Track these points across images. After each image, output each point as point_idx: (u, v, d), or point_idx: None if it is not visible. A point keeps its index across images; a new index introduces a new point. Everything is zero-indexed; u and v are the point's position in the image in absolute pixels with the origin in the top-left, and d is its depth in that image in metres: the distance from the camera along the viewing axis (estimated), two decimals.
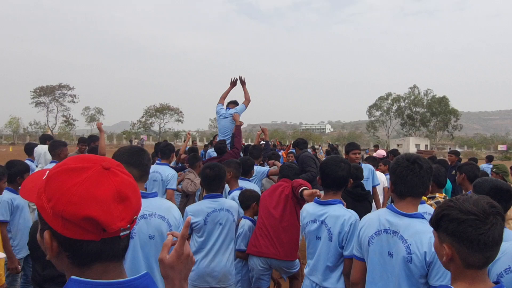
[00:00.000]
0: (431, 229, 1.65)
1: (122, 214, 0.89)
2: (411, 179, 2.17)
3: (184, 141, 6.70)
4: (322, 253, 2.88)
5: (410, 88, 72.78)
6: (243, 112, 7.55)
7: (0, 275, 3.17)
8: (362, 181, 4.61)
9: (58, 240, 0.89)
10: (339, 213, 2.84)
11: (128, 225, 0.91)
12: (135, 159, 2.28)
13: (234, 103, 7.71)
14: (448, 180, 6.38)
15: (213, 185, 3.56)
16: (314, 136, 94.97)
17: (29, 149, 6.84)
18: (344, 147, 6.03)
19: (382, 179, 6.47)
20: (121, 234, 0.90)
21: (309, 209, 3.03)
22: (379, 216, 2.33)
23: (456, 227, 1.40)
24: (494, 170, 5.84)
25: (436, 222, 1.50)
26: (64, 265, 0.92)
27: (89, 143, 6.91)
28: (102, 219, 0.85)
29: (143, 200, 2.24)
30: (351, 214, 2.84)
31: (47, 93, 64.06)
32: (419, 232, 2.09)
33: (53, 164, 5.97)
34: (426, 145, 67.06)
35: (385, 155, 9.84)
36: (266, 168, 6.01)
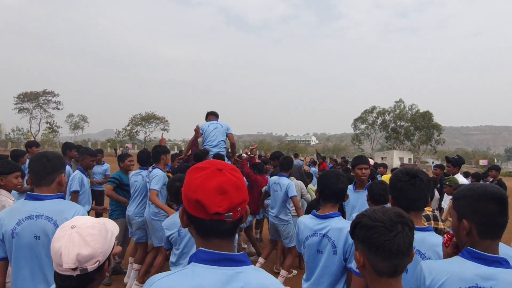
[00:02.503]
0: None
1: (220, 202, 1.22)
2: (413, 193, 2.18)
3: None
4: (327, 267, 2.82)
5: (396, 102, 73.86)
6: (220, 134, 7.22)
7: None
8: None
9: (187, 214, 1.30)
10: (342, 225, 2.79)
11: (229, 213, 1.23)
12: (30, 166, 2.51)
13: (214, 115, 7.53)
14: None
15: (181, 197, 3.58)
16: (299, 147, 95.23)
17: (15, 157, 6.76)
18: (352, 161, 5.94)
19: None
20: (226, 219, 1.24)
21: (307, 223, 2.97)
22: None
23: (364, 233, 1.50)
24: (447, 183, 5.98)
25: (352, 230, 1.60)
26: (193, 234, 1.32)
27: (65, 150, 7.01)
28: (205, 202, 1.21)
29: (34, 202, 2.45)
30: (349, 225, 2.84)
31: (31, 99, 63.08)
32: (435, 245, 2.10)
33: None
34: (409, 159, 67.95)
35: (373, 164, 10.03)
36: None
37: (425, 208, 4.00)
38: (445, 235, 1.95)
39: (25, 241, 2.37)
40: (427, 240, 2.12)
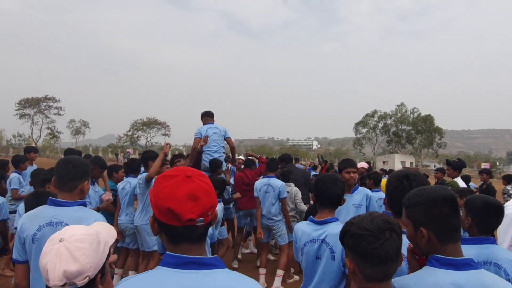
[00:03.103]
0: None
1: (193, 209, 1.25)
2: (404, 197, 2.17)
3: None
4: (325, 273, 2.80)
5: (398, 105, 73.88)
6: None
7: None
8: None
9: (158, 223, 1.31)
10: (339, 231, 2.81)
11: (201, 218, 1.27)
12: (56, 170, 2.53)
13: (209, 116, 7.34)
14: None
15: None
16: (301, 152, 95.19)
17: (16, 162, 6.77)
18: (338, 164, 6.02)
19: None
20: (198, 224, 1.27)
21: (304, 229, 2.96)
22: None
23: (353, 241, 1.54)
24: (449, 187, 5.93)
25: (341, 238, 1.64)
26: (164, 240, 1.34)
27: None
28: (177, 211, 1.23)
29: (55, 208, 2.46)
30: None
31: (32, 105, 63.22)
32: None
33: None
34: (411, 162, 67.81)
35: (367, 166, 10.01)
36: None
37: None
38: (408, 250, 1.88)
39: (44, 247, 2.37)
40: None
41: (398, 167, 60.09)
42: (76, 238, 1.43)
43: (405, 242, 2.09)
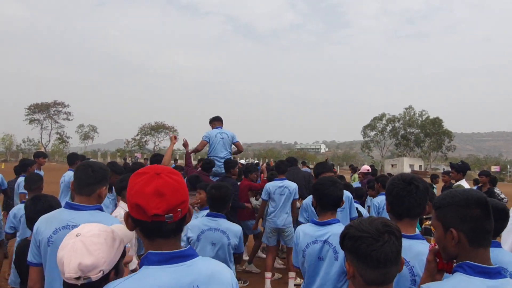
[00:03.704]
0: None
1: (158, 205, 1.30)
2: (408, 200, 2.13)
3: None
4: (328, 273, 2.79)
5: (406, 108, 73.59)
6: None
7: None
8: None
9: (131, 218, 1.37)
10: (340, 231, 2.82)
11: (169, 214, 1.31)
12: (75, 173, 2.54)
13: (219, 120, 7.38)
14: None
15: (216, 205, 3.61)
16: (309, 155, 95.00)
17: (24, 166, 6.80)
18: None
19: (364, 212, 5.74)
20: (167, 220, 1.32)
21: (306, 230, 2.95)
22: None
23: (352, 244, 1.53)
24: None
25: (341, 241, 1.62)
26: (140, 236, 1.39)
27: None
28: (144, 206, 1.29)
29: (71, 212, 2.47)
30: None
31: (42, 110, 63.95)
32: (421, 254, 2.04)
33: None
34: (420, 166, 67.39)
35: (369, 169, 9.94)
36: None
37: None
38: (430, 251, 1.81)
39: None
40: (413, 248, 2.08)
41: (406, 170, 59.67)
42: (93, 234, 1.48)
43: (426, 246, 2.07)
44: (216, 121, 7.38)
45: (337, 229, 2.79)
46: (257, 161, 14.65)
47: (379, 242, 1.48)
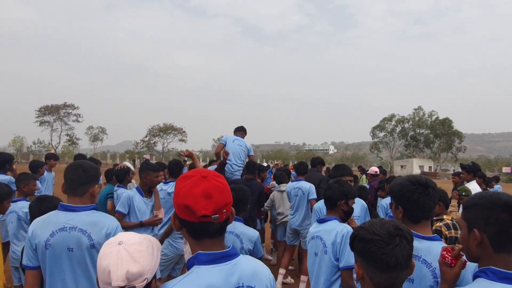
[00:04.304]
0: None
1: (206, 206, 1.38)
2: (428, 203, 2.11)
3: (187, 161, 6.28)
4: (320, 268, 2.94)
5: (415, 109, 73.06)
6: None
7: None
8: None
9: (178, 219, 1.45)
10: (332, 227, 2.95)
11: (215, 215, 1.39)
12: (66, 175, 2.51)
13: (242, 131, 7.62)
14: None
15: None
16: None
17: (34, 167, 6.84)
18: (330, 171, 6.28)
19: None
20: (213, 220, 1.39)
21: (310, 229, 3.20)
22: None
23: (362, 246, 1.51)
24: (463, 193, 5.68)
25: (351, 243, 1.60)
26: (186, 236, 1.47)
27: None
28: (193, 207, 1.37)
29: (67, 213, 2.46)
30: (344, 227, 2.94)
31: (52, 112, 64.52)
32: None
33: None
34: (430, 167, 66.86)
35: (377, 171, 9.83)
36: None
37: (445, 217, 3.88)
38: (443, 252, 1.82)
39: (58, 252, 2.38)
40: (433, 250, 2.05)
41: (416, 171, 59.24)
42: (134, 241, 1.49)
43: (439, 252, 2.01)
44: (239, 131, 7.60)
45: (329, 225, 3.00)
46: (267, 164, 14.54)
47: (390, 246, 1.46)
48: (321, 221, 3.09)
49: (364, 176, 13.29)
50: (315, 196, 6.17)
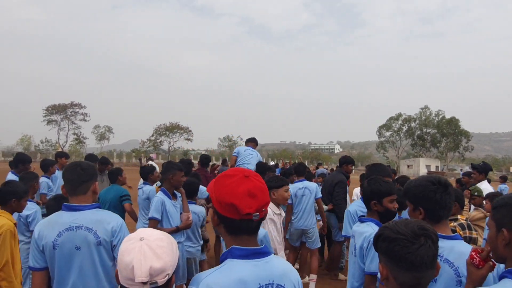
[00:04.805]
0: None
1: (250, 204, 1.43)
2: (449, 202, 2.14)
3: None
4: (350, 269, 2.99)
5: (421, 108, 72.81)
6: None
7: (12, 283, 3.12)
8: None
9: (218, 216, 1.50)
10: (365, 229, 2.86)
11: (257, 213, 1.45)
12: (65, 176, 2.55)
13: (253, 142, 8.12)
14: None
15: None
16: (323, 156, 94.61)
17: (45, 166, 6.85)
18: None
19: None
20: (254, 218, 1.45)
21: (353, 226, 3.18)
22: None
23: (387, 245, 1.50)
24: (475, 193, 5.62)
25: (374, 243, 1.60)
26: (222, 232, 1.51)
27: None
28: (238, 206, 1.42)
29: (72, 213, 2.50)
30: (373, 231, 2.79)
31: (59, 111, 64.93)
32: (464, 254, 1.99)
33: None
34: (436, 166, 66.57)
35: None
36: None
37: (459, 217, 3.85)
38: (472, 253, 1.81)
39: (66, 252, 2.42)
40: (456, 249, 2.06)
41: (423, 171, 59.04)
42: (156, 238, 1.50)
43: (468, 246, 2.06)
44: (250, 142, 8.12)
45: (364, 226, 2.92)
46: (273, 163, 14.48)
47: (415, 245, 1.44)
48: (361, 220, 3.02)
49: None
50: (320, 195, 6.28)
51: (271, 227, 3.91)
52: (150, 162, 5.51)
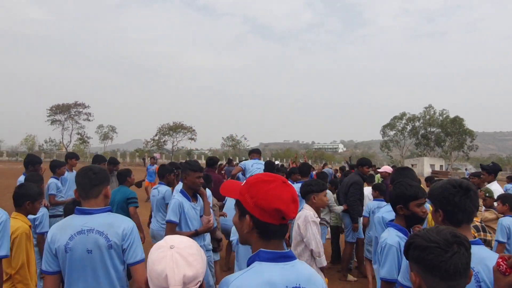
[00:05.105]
0: (496, 255, 1.65)
1: (294, 209, 1.48)
2: (469, 206, 2.11)
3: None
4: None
5: (425, 108, 72.51)
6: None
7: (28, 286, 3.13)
8: None
9: (255, 221, 1.48)
10: (382, 236, 2.84)
11: (294, 218, 1.55)
12: (77, 179, 2.58)
13: (257, 153, 8.32)
14: None
15: None
16: (326, 155, 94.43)
17: (53, 167, 6.84)
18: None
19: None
20: (289, 222, 1.50)
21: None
22: None
23: (419, 254, 1.48)
24: (486, 194, 5.56)
25: (405, 251, 1.58)
26: (253, 238, 1.51)
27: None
28: (285, 211, 1.44)
29: (84, 217, 2.51)
30: (387, 237, 2.76)
31: (63, 111, 65.01)
32: (485, 259, 1.99)
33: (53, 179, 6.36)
34: (441, 165, 66.26)
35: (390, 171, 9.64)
36: None
37: (474, 219, 3.81)
38: (499, 260, 1.80)
39: (78, 255, 2.44)
40: (476, 254, 1.97)
41: (427, 170, 58.77)
42: (186, 245, 1.49)
43: (488, 251, 2.06)
44: (254, 153, 8.34)
45: (385, 231, 2.86)
46: (277, 162, 14.47)
47: (448, 253, 1.43)
48: (386, 225, 3.00)
49: (378, 175, 13.17)
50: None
51: (315, 230, 3.85)
52: (173, 162, 5.58)
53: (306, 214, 3.89)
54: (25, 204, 3.44)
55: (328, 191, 6.70)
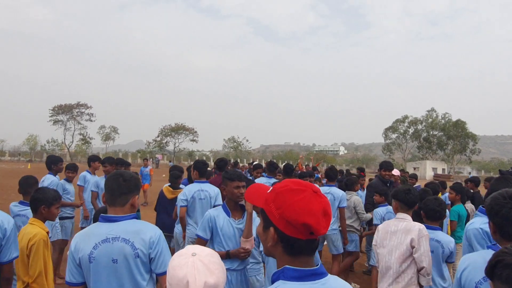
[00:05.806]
0: None
1: (325, 224, 1.28)
2: None
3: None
4: None
5: (428, 111, 72.44)
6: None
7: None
8: None
9: (280, 235, 1.30)
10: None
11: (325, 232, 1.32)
12: (107, 184, 2.47)
13: (260, 168, 8.53)
14: (463, 208, 6.08)
15: None
16: (327, 158, 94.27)
17: (50, 163, 6.64)
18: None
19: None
20: (317, 238, 1.32)
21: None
22: (486, 259, 2.11)
23: (509, 273, 1.36)
24: None
25: (490, 270, 1.44)
26: (277, 252, 1.34)
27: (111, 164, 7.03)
28: (315, 226, 1.25)
29: (109, 224, 2.40)
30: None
31: (65, 112, 65.17)
32: None
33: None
34: (443, 169, 66.15)
35: (399, 174, 9.51)
36: None
37: None
38: None
39: (102, 265, 2.32)
40: None
41: (429, 173, 58.68)
42: (207, 253, 1.49)
43: None
44: (259, 169, 8.47)
45: None
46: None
47: None
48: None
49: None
50: (345, 204, 6.15)
51: (428, 246, 3.50)
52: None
53: (420, 227, 3.43)
54: (40, 209, 3.30)
55: (356, 197, 6.67)
